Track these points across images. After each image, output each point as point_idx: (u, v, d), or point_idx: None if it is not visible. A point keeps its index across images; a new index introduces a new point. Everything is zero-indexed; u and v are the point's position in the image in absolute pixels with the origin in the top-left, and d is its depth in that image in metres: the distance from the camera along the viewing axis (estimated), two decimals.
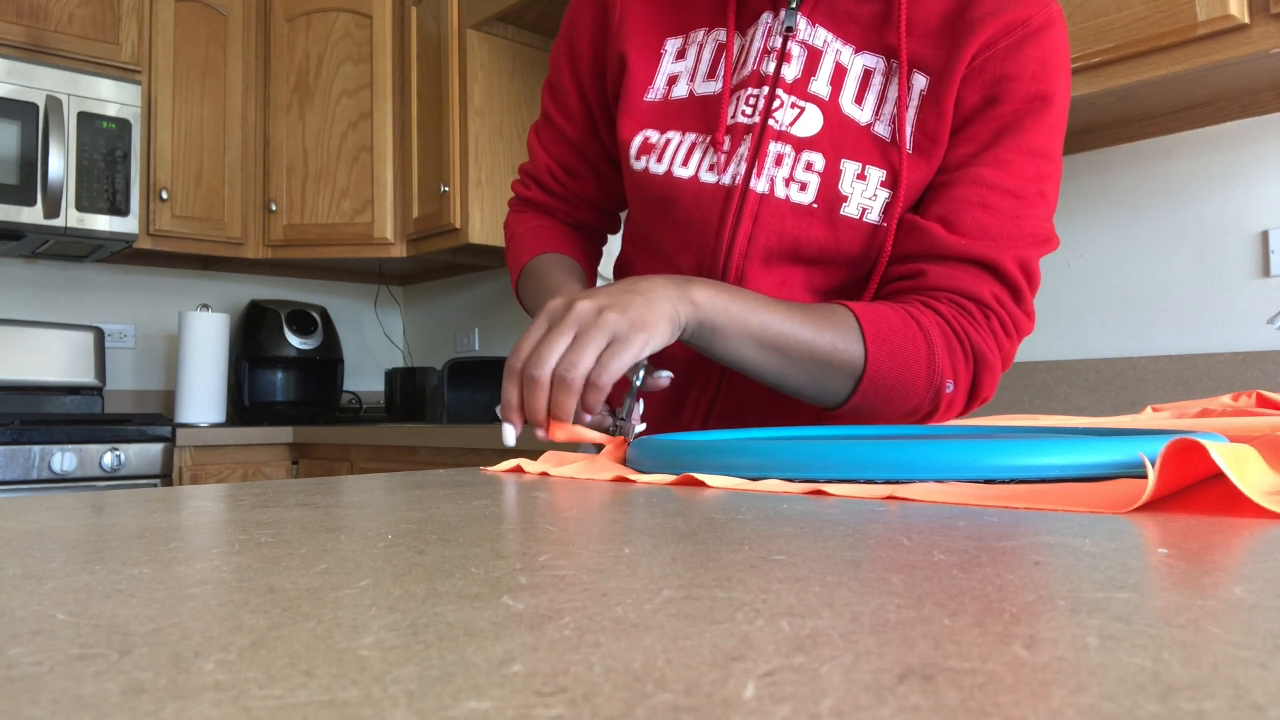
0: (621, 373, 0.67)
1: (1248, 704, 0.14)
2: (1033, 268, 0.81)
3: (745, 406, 0.90)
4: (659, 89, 0.89)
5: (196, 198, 2.92)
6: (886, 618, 0.20)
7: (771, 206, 0.83)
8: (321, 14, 3.02)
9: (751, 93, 0.85)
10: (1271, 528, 0.31)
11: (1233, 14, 1.42)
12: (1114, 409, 1.86)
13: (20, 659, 0.18)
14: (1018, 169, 0.80)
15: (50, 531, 0.35)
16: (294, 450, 2.74)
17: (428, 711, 0.14)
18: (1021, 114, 0.80)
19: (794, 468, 0.49)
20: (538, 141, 1.03)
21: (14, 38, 2.60)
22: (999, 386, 2.10)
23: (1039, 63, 0.80)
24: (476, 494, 0.47)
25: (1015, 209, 0.79)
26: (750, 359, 0.75)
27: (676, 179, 0.86)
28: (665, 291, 0.72)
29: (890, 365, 0.76)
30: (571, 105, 0.98)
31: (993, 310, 0.80)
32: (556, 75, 0.99)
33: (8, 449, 2.27)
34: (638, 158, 0.88)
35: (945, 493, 0.42)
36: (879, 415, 0.80)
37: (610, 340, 0.68)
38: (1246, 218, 1.78)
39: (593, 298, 0.70)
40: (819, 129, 0.83)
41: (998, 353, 0.80)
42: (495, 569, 0.26)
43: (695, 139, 0.86)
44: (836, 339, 0.75)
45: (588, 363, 0.66)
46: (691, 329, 0.73)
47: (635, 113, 0.89)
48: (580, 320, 0.68)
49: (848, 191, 0.82)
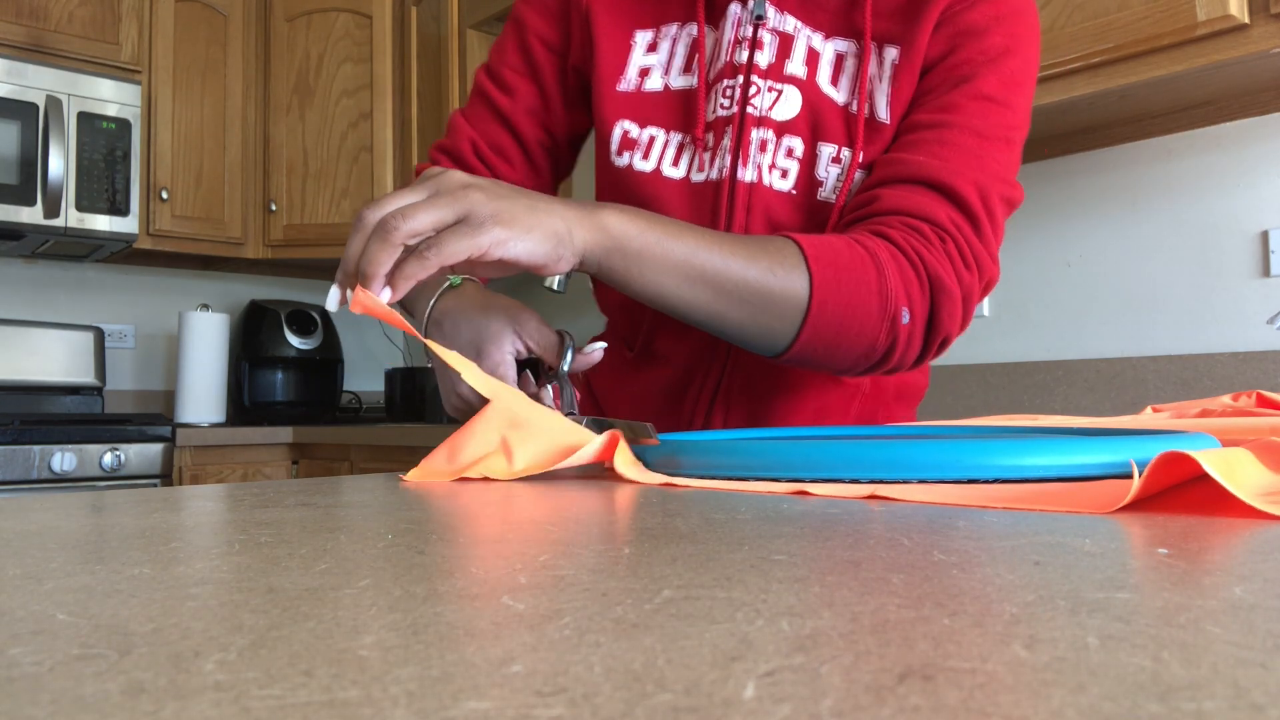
0: (457, 258, 0.57)
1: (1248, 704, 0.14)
2: (994, 202, 0.76)
3: (752, 394, 0.87)
4: (631, 80, 0.85)
5: (196, 198, 2.92)
6: (886, 618, 0.20)
7: (761, 195, 0.81)
8: (321, 14, 3.02)
9: (727, 84, 0.82)
10: (1271, 528, 0.31)
11: (1233, 14, 1.42)
12: (1114, 409, 1.86)
13: (20, 659, 0.18)
14: (977, 113, 0.77)
15: (50, 531, 0.35)
16: (294, 450, 2.74)
17: (428, 711, 0.14)
18: (979, 64, 0.77)
19: (779, 468, 0.49)
20: (463, 119, 0.93)
21: (14, 38, 2.60)
22: (996, 386, 2.10)
23: (993, 18, 0.78)
24: (476, 494, 0.47)
25: (976, 148, 0.76)
26: (676, 294, 0.67)
27: (667, 179, 0.83)
28: (564, 210, 0.63)
29: (838, 293, 0.69)
30: (517, 85, 0.90)
31: (949, 234, 0.74)
32: (500, 57, 0.92)
33: (8, 449, 2.27)
34: (620, 153, 0.84)
35: (928, 492, 0.42)
36: (831, 358, 0.73)
37: (461, 218, 0.58)
38: (1246, 218, 1.78)
39: (476, 179, 0.61)
40: (798, 110, 0.81)
41: (956, 280, 0.73)
42: (495, 569, 0.26)
43: (679, 138, 0.83)
44: (775, 265, 0.68)
45: (420, 224, 0.57)
46: (598, 257, 0.64)
47: (610, 101, 0.84)
48: (441, 186, 0.59)
49: (824, 175, 0.80)
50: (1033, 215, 2.06)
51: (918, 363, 0.77)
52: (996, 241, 0.77)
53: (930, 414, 2.19)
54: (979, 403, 2.13)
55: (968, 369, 2.16)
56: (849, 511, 0.37)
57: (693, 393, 0.88)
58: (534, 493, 0.48)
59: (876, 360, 0.74)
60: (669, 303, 0.68)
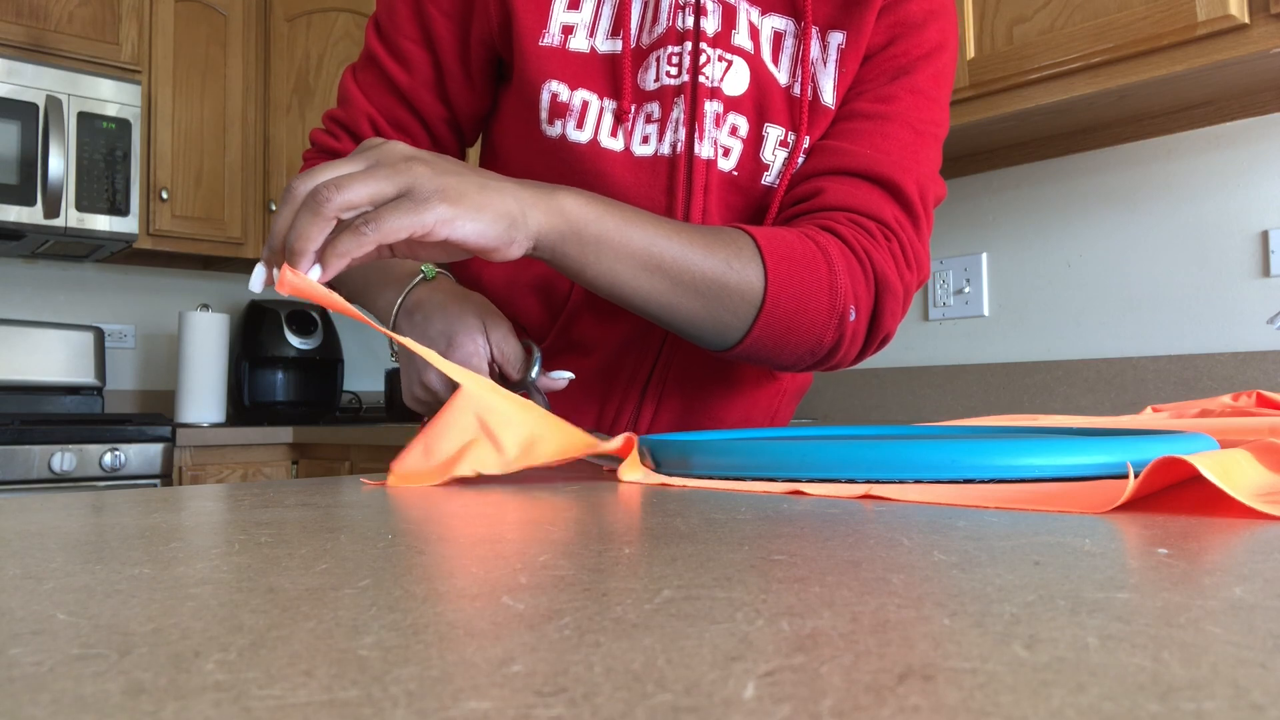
0: (397, 235, 0.52)
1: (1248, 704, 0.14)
2: (929, 199, 0.77)
3: (687, 387, 0.82)
4: (554, 35, 0.76)
5: (196, 198, 2.92)
6: (886, 618, 0.20)
7: (718, 174, 0.76)
8: (321, 14, 3.02)
9: (673, 50, 0.76)
10: (1271, 528, 0.31)
11: (1233, 14, 1.42)
12: (1114, 409, 1.86)
13: (20, 659, 0.18)
14: (914, 106, 0.77)
15: (50, 531, 0.35)
16: (294, 450, 2.74)
17: (428, 711, 0.14)
18: (916, 57, 0.78)
19: (773, 467, 0.49)
20: (356, 85, 0.84)
21: (14, 38, 2.60)
22: (996, 386, 2.10)
23: (929, 12, 0.79)
24: (476, 494, 0.48)
25: (913, 143, 0.76)
26: (631, 283, 0.64)
27: (606, 151, 0.75)
28: (517, 190, 0.58)
29: (791, 288, 0.67)
30: (413, 55, 0.81)
31: (894, 233, 0.74)
32: (391, 20, 0.82)
33: (8, 449, 2.27)
34: (551, 121, 0.75)
35: (921, 493, 0.42)
36: (778, 353, 0.71)
37: (403, 193, 0.53)
38: (1246, 218, 1.78)
39: (421, 152, 0.56)
40: (746, 87, 0.77)
41: (899, 278, 0.73)
42: (495, 569, 0.26)
43: (614, 105, 0.76)
44: (731, 258, 0.66)
45: (356, 196, 0.51)
46: (552, 242, 0.60)
47: (533, 58, 0.75)
48: (381, 156, 0.54)
49: (769, 159, 0.77)
50: (1033, 215, 2.06)
51: (857, 359, 0.76)
52: (928, 237, 0.78)
53: (930, 414, 2.19)
54: (979, 403, 2.13)
55: (968, 369, 2.16)
56: (848, 512, 0.37)
57: (621, 384, 0.82)
58: (533, 493, 0.48)
59: (821, 355, 0.73)
60: (622, 292, 0.64)
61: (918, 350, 2.27)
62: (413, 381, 0.73)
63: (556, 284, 0.81)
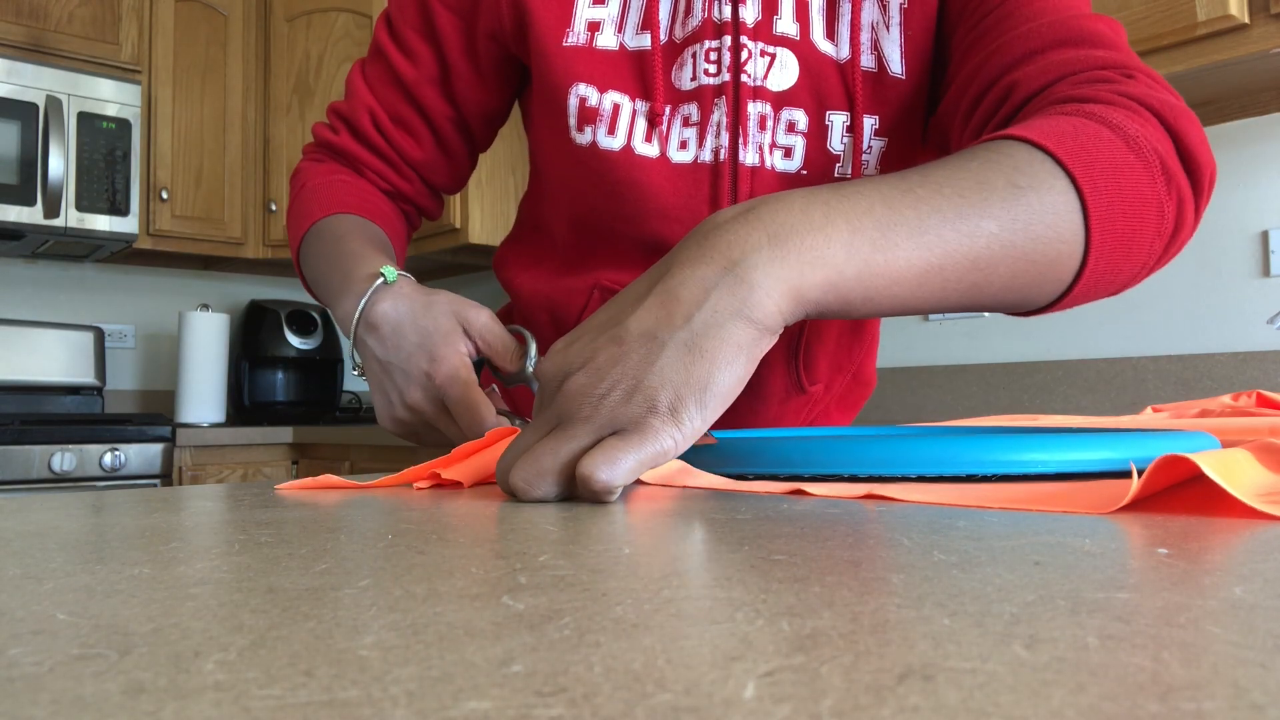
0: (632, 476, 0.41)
1: (1248, 704, 0.14)
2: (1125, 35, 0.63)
3: None
4: (579, 33, 0.70)
5: (196, 198, 2.92)
6: (886, 618, 0.20)
7: (765, 180, 0.71)
8: (321, 14, 3.02)
9: (710, 46, 0.70)
10: (1271, 528, 0.31)
11: (1233, 14, 1.42)
12: (1114, 409, 1.86)
13: (20, 659, 0.18)
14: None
15: (50, 531, 0.35)
16: (294, 450, 2.74)
17: (428, 711, 0.14)
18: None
19: (776, 464, 0.49)
20: (362, 78, 0.81)
21: (14, 38, 2.60)
22: (996, 386, 2.10)
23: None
24: (476, 494, 0.47)
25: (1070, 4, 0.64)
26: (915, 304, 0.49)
27: (642, 159, 0.70)
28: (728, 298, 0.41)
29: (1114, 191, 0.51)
30: (418, 48, 0.78)
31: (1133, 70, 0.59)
32: (400, 11, 0.79)
33: (8, 449, 2.27)
34: (580, 128, 0.71)
35: (926, 492, 0.42)
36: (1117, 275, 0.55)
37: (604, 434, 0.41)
38: (1246, 218, 1.78)
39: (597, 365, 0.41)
40: (796, 78, 0.70)
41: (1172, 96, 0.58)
42: (495, 569, 0.26)
43: (646, 107, 0.71)
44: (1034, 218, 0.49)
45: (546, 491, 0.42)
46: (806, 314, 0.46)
47: (557, 59, 0.70)
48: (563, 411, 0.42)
49: (839, 149, 0.71)
50: None
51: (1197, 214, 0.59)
52: None
53: (931, 414, 2.19)
54: (979, 403, 2.13)
55: (968, 369, 2.16)
56: (849, 511, 0.37)
57: None
58: None
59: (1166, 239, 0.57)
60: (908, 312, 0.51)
61: (918, 350, 2.26)
62: (392, 402, 0.66)
63: (574, 302, 0.78)
